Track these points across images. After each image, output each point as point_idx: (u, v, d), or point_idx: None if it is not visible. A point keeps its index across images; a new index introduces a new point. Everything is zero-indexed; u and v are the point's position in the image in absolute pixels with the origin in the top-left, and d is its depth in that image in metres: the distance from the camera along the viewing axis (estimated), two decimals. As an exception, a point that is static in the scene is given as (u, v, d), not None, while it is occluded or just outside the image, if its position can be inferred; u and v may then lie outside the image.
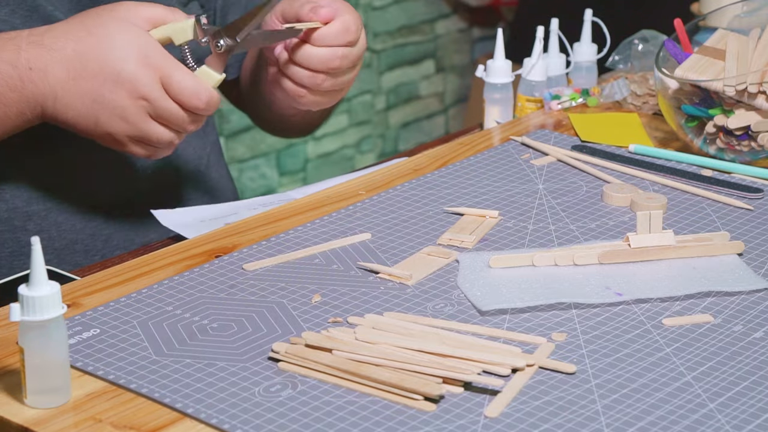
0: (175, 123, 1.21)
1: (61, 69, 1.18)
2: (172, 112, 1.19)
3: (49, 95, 1.19)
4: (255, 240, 1.19)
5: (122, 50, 1.17)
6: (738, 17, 1.51)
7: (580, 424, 0.90)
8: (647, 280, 1.11)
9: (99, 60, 1.18)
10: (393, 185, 1.33)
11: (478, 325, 1.03)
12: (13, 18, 1.26)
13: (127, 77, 1.17)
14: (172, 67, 1.18)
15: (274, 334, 1.02)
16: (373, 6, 3.31)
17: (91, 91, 1.18)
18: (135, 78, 1.17)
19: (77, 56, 1.18)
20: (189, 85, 1.18)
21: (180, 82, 1.18)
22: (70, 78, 1.18)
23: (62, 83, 1.18)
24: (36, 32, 1.20)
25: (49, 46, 1.18)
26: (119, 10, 1.21)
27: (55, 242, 1.34)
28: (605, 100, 1.58)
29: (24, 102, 1.19)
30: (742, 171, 1.36)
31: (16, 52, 1.18)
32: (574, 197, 1.30)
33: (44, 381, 0.91)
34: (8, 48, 1.18)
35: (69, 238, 1.35)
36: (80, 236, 1.36)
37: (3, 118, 1.20)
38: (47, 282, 0.90)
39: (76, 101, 1.19)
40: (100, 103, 1.19)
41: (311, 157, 3.24)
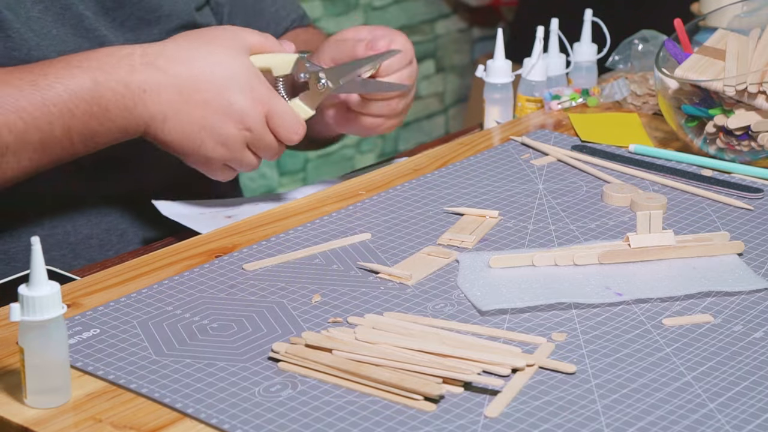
0: (267, 153, 1.27)
1: (173, 92, 1.22)
2: (269, 144, 1.26)
3: (158, 117, 1.22)
4: (255, 240, 1.19)
5: (233, 81, 1.22)
6: (738, 17, 1.51)
7: (580, 424, 0.90)
8: (647, 280, 1.11)
9: (211, 89, 1.22)
10: (393, 185, 1.33)
11: (478, 325, 1.03)
12: (46, 16, 1.28)
13: (237, 109, 1.22)
14: (276, 103, 1.24)
15: (274, 334, 1.02)
16: (373, 6, 3.31)
17: (201, 117, 1.23)
18: (244, 111, 1.23)
19: (191, 82, 1.22)
20: (291, 121, 1.25)
21: (282, 117, 1.25)
22: (182, 102, 1.22)
23: (173, 106, 1.22)
24: (149, 52, 1.22)
25: (163, 69, 1.22)
26: (226, 36, 1.25)
27: (71, 237, 1.34)
28: (605, 100, 1.58)
29: (132, 121, 1.22)
30: (742, 171, 1.36)
31: (129, 72, 1.21)
32: (574, 197, 1.30)
33: (44, 381, 0.91)
34: (122, 66, 1.21)
35: (84, 233, 1.35)
36: (95, 231, 1.36)
37: (107, 132, 1.23)
38: (47, 282, 0.90)
39: (185, 125, 1.23)
40: (207, 130, 1.23)
41: (311, 157, 3.24)
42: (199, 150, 1.25)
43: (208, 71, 1.22)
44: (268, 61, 1.27)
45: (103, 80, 1.20)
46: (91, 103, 1.20)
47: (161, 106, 1.22)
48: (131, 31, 1.34)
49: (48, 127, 1.19)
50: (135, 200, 1.38)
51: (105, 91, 1.20)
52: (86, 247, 1.35)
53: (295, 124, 1.26)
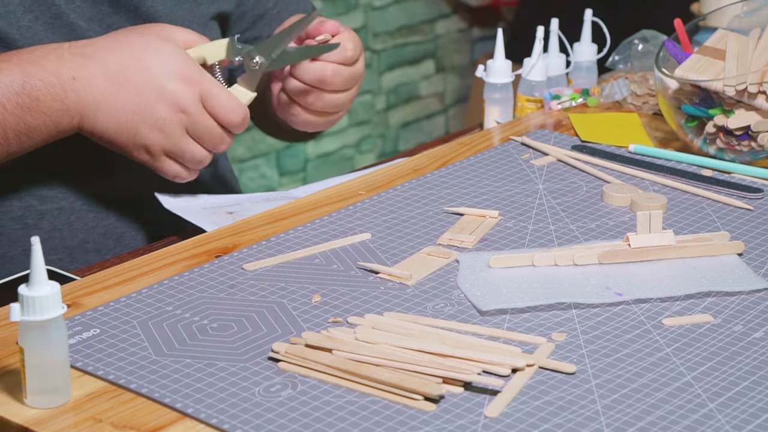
0: (209, 139, 1.25)
1: (104, 79, 1.21)
2: (207, 128, 1.25)
3: (91, 105, 1.22)
4: (255, 240, 1.19)
5: (165, 65, 1.22)
6: (738, 17, 1.51)
7: (580, 424, 0.90)
8: (647, 280, 1.11)
9: (142, 73, 1.22)
10: (393, 185, 1.33)
11: (478, 325, 1.03)
12: (36, 24, 1.27)
13: (170, 91, 1.22)
14: (210, 84, 1.24)
15: (274, 334, 1.02)
16: (373, 6, 3.31)
17: (134, 102, 1.22)
18: (177, 92, 1.22)
19: (121, 68, 1.21)
20: (226, 101, 1.24)
21: (218, 97, 1.23)
22: (113, 89, 1.21)
23: (105, 93, 1.22)
24: (77, 44, 1.22)
25: (93, 57, 1.21)
26: (157, 29, 1.25)
27: (67, 241, 1.34)
28: (605, 100, 1.58)
29: (64, 111, 1.21)
30: (742, 171, 1.36)
31: (59, 62, 1.20)
32: (574, 197, 1.30)
33: (44, 381, 0.91)
34: (51, 58, 1.21)
35: (81, 237, 1.35)
36: (92, 235, 1.36)
37: (41, 126, 1.22)
38: (47, 282, 0.90)
39: (118, 112, 1.22)
40: (140, 115, 1.22)
41: (311, 157, 3.24)
42: (136, 138, 1.24)
43: (138, 57, 1.22)
44: (200, 51, 1.28)
45: (32, 71, 1.20)
46: (22, 95, 1.19)
47: (92, 93, 1.21)
48: None
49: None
50: (132, 204, 1.38)
51: (35, 81, 1.20)
52: (83, 252, 1.35)
53: (233, 104, 1.24)
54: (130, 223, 1.39)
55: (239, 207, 1.33)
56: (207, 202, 1.35)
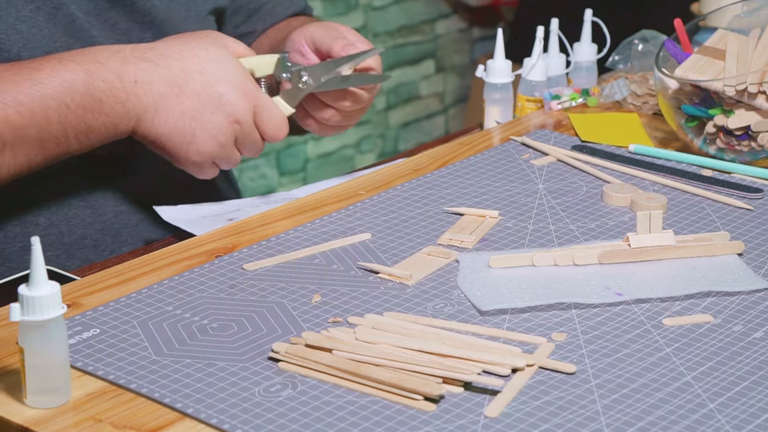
0: (251, 149, 1.29)
1: (165, 84, 1.23)
2: (254, 140, 1.28)
3: (150, 108, 1.23)
4: (255, 240, 1.19)
5: (224, 74, 1.24)
6: (738, 17, 1.51)
7: (580, 424, 0.90)
8: (647, 280, 1.11)
9: (202, 80, 1.23)
10: (393, 185, 1.33)
11: (478, 325, 1.03)
12: (37, 15, 1.27)
13: (228, 101, 1.24)
14: (264, 98, 1.27)
15: (274, 334, 1.02)
16: (373, 6, 3.31)
17: (192, 108, 1.23)
18: (235, 103, 1.24)
19: (182, 74, 1.23)
20: (276, 118, 1.27)
21: (269, 112, 1.27)
22: (173, 94, 1.23)
23: (165, 98, 1.23)
24: (139, 48, 1.24)
25: (155, 62, 1.23)
26: (213, 37, 1.28)
27: (65, 237, 1.34)
28: (605, 100, 1.58)
29: (124, 114, 1.23)
30: (742, 171, 1.36)
31: (122, 64, 1.22)
32: (574, 197, 1.30)
33: (44, 381, 0.91)
34: (114, 60, 1.22)
35: (78, 233, 1.35)
36: (89, 231, 1.36)
37: (100, 128, 1.23)
38: (47, 282, 0.90)
39: (176, 117, 1.24)
40: (198, 121, 1.24)
41: (311, 157, 3.24)
42: (191, 144, 1.25)
43: (198, 64, 1.24)
44: (250, 63, 1.29)
45: (96, 71, 1.21)
46: (84, 95, 1.20)
47: (153, 97, 1.22)
48: (123, 34, 1.34)
49: (45, 122, 1.19)
50: (129, 200, 1.38)
51: (98, 82, 1.21)
52: (80, 248, 1.35)
53: (281, 120, 1.28)
54: (128, 219, 1.39)
55: (239, 213, 1.33)
56: (206, 211, 1.35)
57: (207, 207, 1.36)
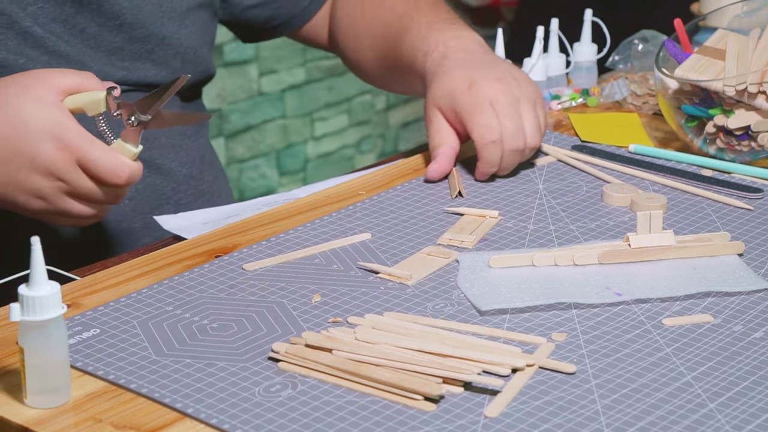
0: (94, 200, 1.18)
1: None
2: (90, 191, 1.17)
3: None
4: (255, 240, 1.19)
5: (37, 134, 1.14)
6: (738, 17, 1.51)
7: (580, 424, 0.90)
8: (647, 280, 1.11)
9: (13, 145, 1.15)
10: (393, 185, 1.33)
11: (478, 325, 1.03)
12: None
13: (42, 162, 1.15)
14: (88, 148, 1.15)
15: (274, 334, 1.02)
16: (373, 6, 3.30)
17: (6, 175, 1.16)
18: (50, 162, 1.15)
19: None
20: (107, 165, 1.15)
21: (97, 161, 1.15)
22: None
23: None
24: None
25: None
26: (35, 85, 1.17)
27: (55, 240, 1.34)
28: (605, 100, 1.58)
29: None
30: (742, 171, 1.36)
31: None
32: (574, 197, 1.30)
33: (44, 381, 0.91)
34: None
35: (69, 236, 1.35)
36: (80, 235, 1.36)
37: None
38: (47, 282, 0.90)
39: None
40: (15, 186, 1.16)
41: (311, 157, 3.24)
42: (17, 206, 1.18)
43: (9, 128, 1.15)
44: (80, 101, 1.18)
45: None
46: None
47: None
48: (92, 39, 1.32)
49: None
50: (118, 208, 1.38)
51: None
52: (73, 249, 1.35)
53: (114, 165, 1.15)
54: (121, 221, 1.38)
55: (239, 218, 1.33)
56: (207, 216, 1.34)
57: (206, 213, 1.36)
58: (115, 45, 1.34)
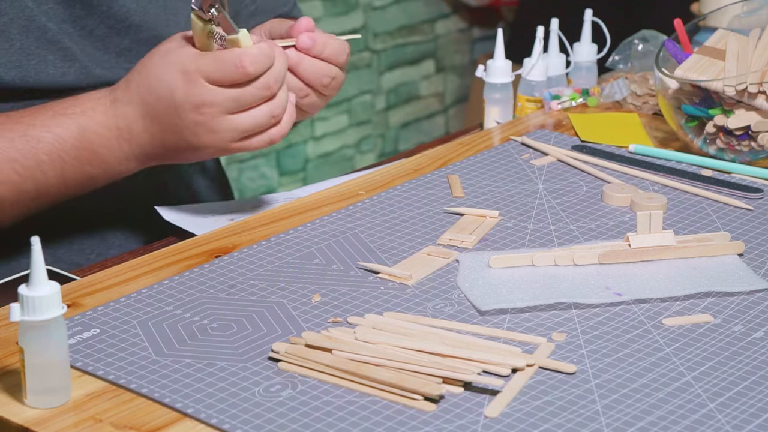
0: (249, 101, 1.20)
1: (139, 119, 1.22)
2: (234, 97, 1.19)
3: (145, 145, 1.23)
4: (255, 240, 1.19)
5: (165, 75, 1.20)
6: (738, 17, 1.51)
7: (580, 424, 0.90)
8: (647, 280, 1.11)
9: (154, 96, 1.21)
10: (393, 185, 1.33)
11: (478, 325, 1.03)
12: (11, 28, 1.27)
13: (181, 99, 1.20)
14: (205, 64, 1.19)
15: (274, 334, 1.02)
16: (373, 6, 3.31)
17: (168, 126, 1.22)
18: (187, 96, 1.20)
19: (142, 101, 1.22)
20: (227, 65, 1.18)
21: (217, 70, 1.18)
22: (150, 124, 1.22)
23: (146, 132, 1.22)
24: (113, 88, 1.24)
25: (123, 100, 1.22)
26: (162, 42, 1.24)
27: (52, 241, 1.34)
28: (605, 100, 1.58)
29: (124, 158, 1.24)
30: (742, 171, 1.36)
31: (104, 114, 1.22)
32: (574, 197, 1.30)
33: (44, 381, 0.91)
34: (99, 110, 1.22)
35: (65, 237, 1.35)
36: (76, 235, 1.36)
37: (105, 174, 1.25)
38: (47, 282, 0.90)
39: (166, 140, 1.23)
40: (181, 131, 1.21)
41: (311, 157, 3.24)
42: (198, 149, 1.23)
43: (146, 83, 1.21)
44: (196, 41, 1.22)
45: (86, 125, 1.22)
46: (80, 149, 1.22)
47: (140, 135, 1.23)
48: (100, 41, 1.33)
49: (42, 176, 1.22)
50: (116, 204, 1.38)
51: (90, 135, 1.22)
52: (67, 252, 1.35)
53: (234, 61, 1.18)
54: (115, 223, 1.38)
55: (240, 213, 1.33)
56: (207, 211, 1.35)
57: (208, 208, 1.36)
58: (123, 46, 1.34)
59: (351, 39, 1.32)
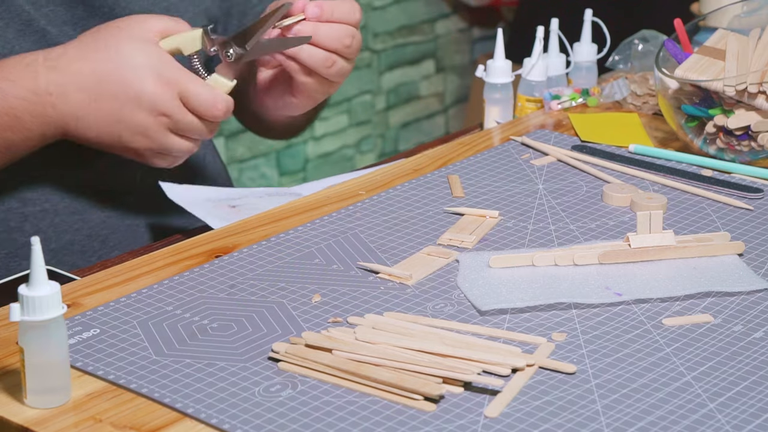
0: (194, 133, 1.24)
1: (80, 92, 1.21)
2: (191, 125, 1.23)
3: (71, 117, 1.22)
4: (255, 240, 1.19)
5: (139, 70, 1.20)
6: (738, 17, 1.51)
7: (580, 424, 0.90)
8: (647, 280, 1.11)
9: (117, 82, 1.20)
10: (393, 185, 1.33)
11: (478, 325, 1.03)
12: (7, 32, 1.27)
13: (147, 98, 1.20)
14: (187, 81, 1.21)
15: (274, 334, 1.02)
16: (373, 6, 3.31)
17: (112, 112, 1.21)
18: (154, 97, 1.20)
19: (95, 79, 1.20)
20: (206, 98, 1.21)
21: (197, 95, 1.21)
22: (90, 100, 1.21)
23: (83, 105, 1.21)
24: (51, 56, 1.22)
25: (66, 70, 1.21)
26: (130, 26, 1.23)
27: (52, 243, 1.34)
28: (605, 100, 1.58)
29: (46, 125, 1.22)
30: (742, 171, 1.36)
31: (34, 79, 1.21)
32: (574, 197, 1.30)
33: (44, 381, 0.91)
34: (26, 75, 1.21)
35: (66, 239, 1.35)
36: (77, 237, 1.36)
37: (25, 140, 1.23)
38: (47, 282, 0.90)
39: (99, 122, 1.22)
40: (121, 123, 1.21)
41: (311, 157, 3.24)
42: (121, 143, 1.23)
43: (113, 66, 1.20)
44: (175, 42, 1.24)
45: (9, 90, 1.21)
46: (2, 114, 1.21)
47: (70, 107, 1.21)
48: None
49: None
50: (116, 206, 1.38)
51: (14, 100, 1.21)
52: (68, 253, 1.35)
53: (213, 98, 1.22)
54: (115, 225, 1.38)
55: (242, 201, 1.33)
56: (210, 194, 1.34)
57: (211, 191, 1.36)
58: None
59: None
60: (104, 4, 1.32)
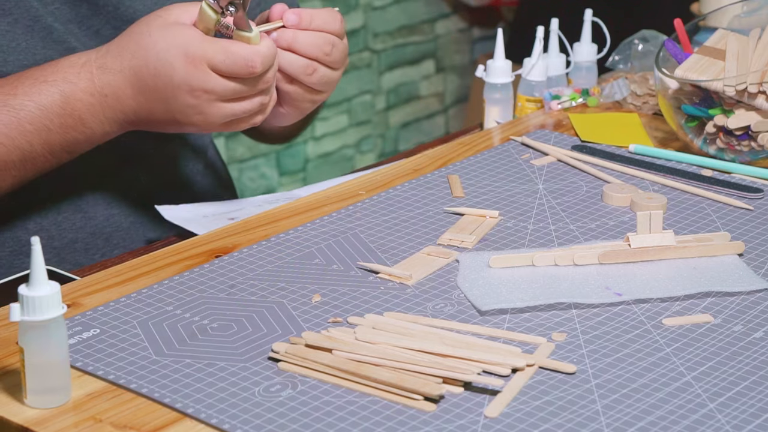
0: (244, 96, 1.22)
1: (127, 88, 1.22)
2: (234, 91, 1.20)
3: (129, 113, 1.23)
4: (255, 240, 1.19)
5: (164, 55, 1.19)
6: (738, 17, 1.51)
7: (580, 424, 0.90)
8: (647, 280, 1.11)
9: (151, 74, 1.20)
10: (393, 185, 1.33)
11: (478, 325, 1.03)
12: (15, 28, 1.27)
13: (180, 80, 1.19)
14: (214, 52, 1.19)
15: (274, 334, 1.02)
16: (373, 6, 3.31)
17: (159, 101, 1.21)
18: (187, 78, 1.19)
19: (134, 73, 1.21)
20: (235, 60, 1.19)
21: (225, 61, 1.18)
22: (138, 94, 1.22)
23: (134, 100, 1.22)
24: (99, 55, 1.23)
25: (112, 68, 1.22)
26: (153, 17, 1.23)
27: (55, 241, 1.34)
28: (605, 100, 1.58)
29: (109, 123, 1.24)
30: (742, 171, 1.36)
31: (90, 80, 1.22)
32: (574, 197, 1.30)
33: (44, 381, 0.91)
34: (84, 77, 1.22)
35: (69, 237, 1.35)
36: (80, 235, 1.36)
37: (88, 139, 1.24)
38: (47, 282, 0.90)
39: (153, 112, 1.23)
40: (171, 108, 1.22)
41: (311, 157, 3.24)
42: (183, 125, 1.24)
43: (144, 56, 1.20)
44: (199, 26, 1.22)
45: (69, 92, 1.21)
46: (64, 116, 1.21)
47: (126, 104, 1.22)
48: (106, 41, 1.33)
49: (27, 145, 1.21)
50: (120, 204, 1.38)
51: (74, 102, 1.21)
52: (71, 252, 1.35)
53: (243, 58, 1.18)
54: (119, 223, 1.38)
55: (241, 213, 1.33)
56: (208, 210, 1.35)
57: (208, 206, 1.36)
58: None
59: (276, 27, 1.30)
60: (108, 2, 1.32)
